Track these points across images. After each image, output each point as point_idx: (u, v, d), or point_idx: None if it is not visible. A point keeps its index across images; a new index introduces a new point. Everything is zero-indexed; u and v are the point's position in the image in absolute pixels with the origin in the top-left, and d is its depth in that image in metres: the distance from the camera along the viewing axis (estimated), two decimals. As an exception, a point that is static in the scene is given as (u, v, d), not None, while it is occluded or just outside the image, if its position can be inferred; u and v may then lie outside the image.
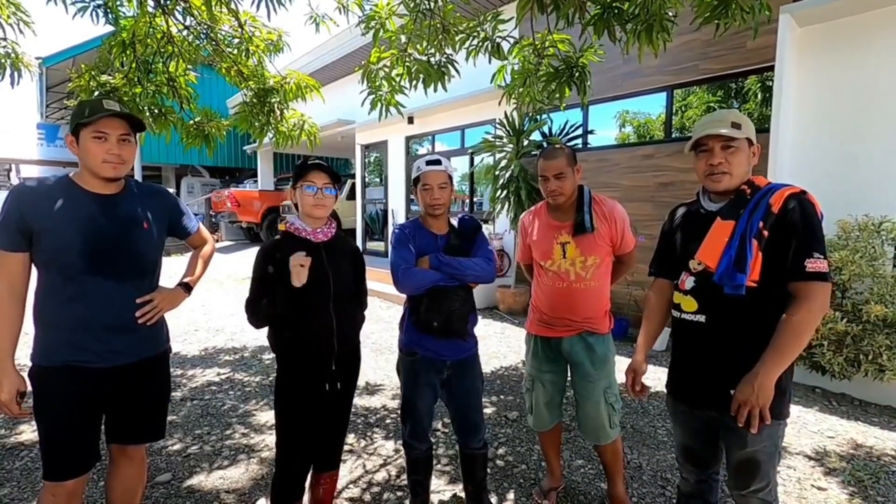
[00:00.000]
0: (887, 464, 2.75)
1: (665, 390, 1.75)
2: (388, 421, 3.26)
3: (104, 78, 3.66)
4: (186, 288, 1.90)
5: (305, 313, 1.84)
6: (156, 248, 1.79)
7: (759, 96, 4.92)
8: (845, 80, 4.14)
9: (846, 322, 3.39)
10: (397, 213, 9.81)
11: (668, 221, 1.77)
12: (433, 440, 2.88)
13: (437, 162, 2.03)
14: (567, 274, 2.10)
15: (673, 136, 5.53)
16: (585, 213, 2.06)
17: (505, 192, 6.33)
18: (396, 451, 2.85)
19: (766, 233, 1.40)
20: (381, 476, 2.61)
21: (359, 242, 11.09)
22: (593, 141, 6.36)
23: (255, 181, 15.39)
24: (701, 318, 1.52)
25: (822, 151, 4.19)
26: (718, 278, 1.45)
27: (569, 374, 2.25)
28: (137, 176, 15.49)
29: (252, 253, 11.61)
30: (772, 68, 4.33)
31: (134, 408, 1.76)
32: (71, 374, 1.61)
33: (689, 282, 1.56)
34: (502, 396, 3.70)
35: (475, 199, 8.68)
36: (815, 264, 1.34)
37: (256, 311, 1.84)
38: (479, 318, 2.34)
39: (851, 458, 2.81)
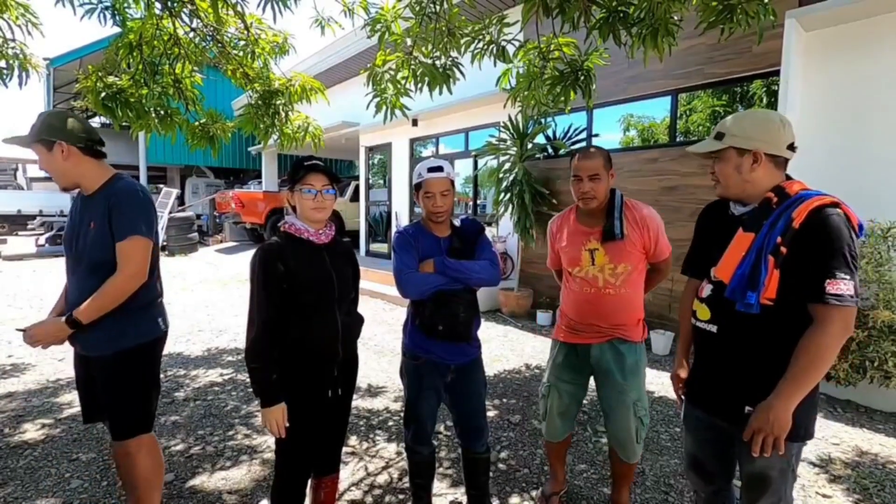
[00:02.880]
0: (892, 471, 2.73)
1: (667, 396, 1.74)
2: (390, 423, 3.26)
3: (111, 79, 3.69)
4: (71, 323, 1.73)
5: (311, 317, 1.79)
6: (101, 249, 1.77)
7: (765, 101, 4.91)
8: (851, 85, 4.12)
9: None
10: (401, 215, 9.82)
11: (700, 220, 1.71)
12: (435, 443, 2.88)
13: (439, 168, 1.99)
14: (595, 280, 2.02)
15: (677, 140, 5.52)
16: (615, 220, 1.97)
17: (508, 195, 6.33)
18: (398, 453, 2.85)
19: (783, 249, 1.31)
20: (382, 479, 2.60)
21: (362, 244, 11.12)
22: (597, 144, 6.35)
23: (260, 182, 15.45)
24: (713, 327, 1.49)
25: (828, 156, 4.17)
26: (730, 293, 1.39)
27: (591, 387, 2.17)
28: (142, 176, 15.58)
29: (256, 254, 11.61)
30: (777, 73, 4.31)
31: (102, 400, 1.88)
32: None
33: (706, 289, 1.53)
34: (505, 400, 3.69)
35: (479, 202, 8.68)
36: (836, 285, 1.23)
37: (259, 360, 1.72)
38: (483, 320, 2.32)
39: (856, 465, 2.79)
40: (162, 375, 4.03)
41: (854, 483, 2.60)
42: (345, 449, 2.73)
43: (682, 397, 1.74)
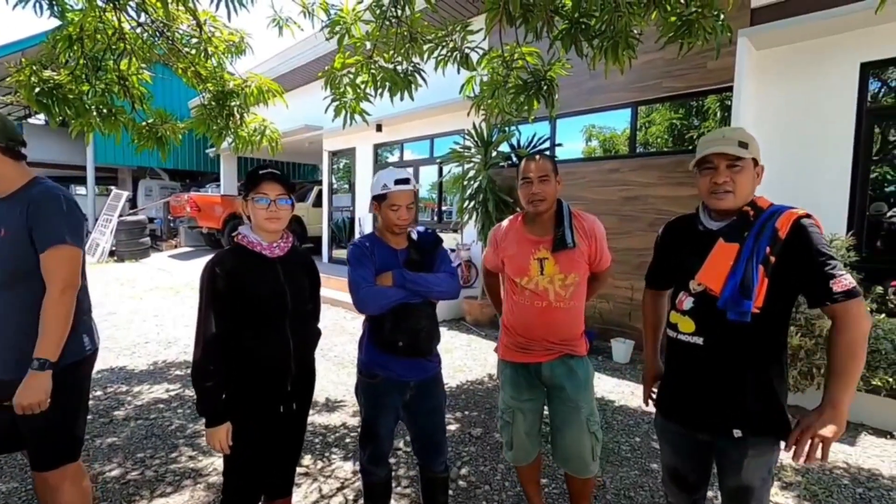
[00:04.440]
0: (839, 477, 2.82)
1: (628, 405, 1.73)
2: (347, 440, 3.13)
3: (47, 73, 3.43)
4: (42, 366, 1.58)
5: (261, 333, 1.73)
6: (14, 260, 1.63)
7: (719, 115, 5.08)
8: (799, 102, 4.32)
9: (800, 336, 3.49)
10: (364, 221, 9.66)
11: (664, 236, 1.72)
12: (393, 461, 2.78)
13: (406, 181, 1.94)
14: (546, 293, 1.96)
15: (637, 151, 5.64)
16: (566, 228, 1.95)
17: (472, 202, 6.31)
18: (355, 472, 2.72)
19: (773, 258, 1.37)
20: (337, 501, 2.48)
21: (324, 250, 10.87)
22: (560, 154, 6.43)
23: (218, 185, 14.92)
24: (698, 339, 1.48)
25: (778, 170, 4.33)
26: (723, 304, 1.40)
27: (544, 401, 2.12)
28: (90, 177, 14.74)
29: (212, 260, 11.16)
30: (731, 88, 4.47)
31: (23, 428, 1.68)
32: None
33: (687, 302, 1.52)
34: (466, 412, 3.62)
35: (444, 208, 8.64)
36: (842, 283, 1.30)
37: (206, 378, 1.63)
38: (444, 329, 2.25)
39: (806, 471, 2.87)
40: (101, 392, 3.79)
41: (804, 490, 2.67)
42: (298, 469, 2.59)
43: (651, 401, 1.76)
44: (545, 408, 2.14)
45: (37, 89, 3.35)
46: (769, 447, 1.44)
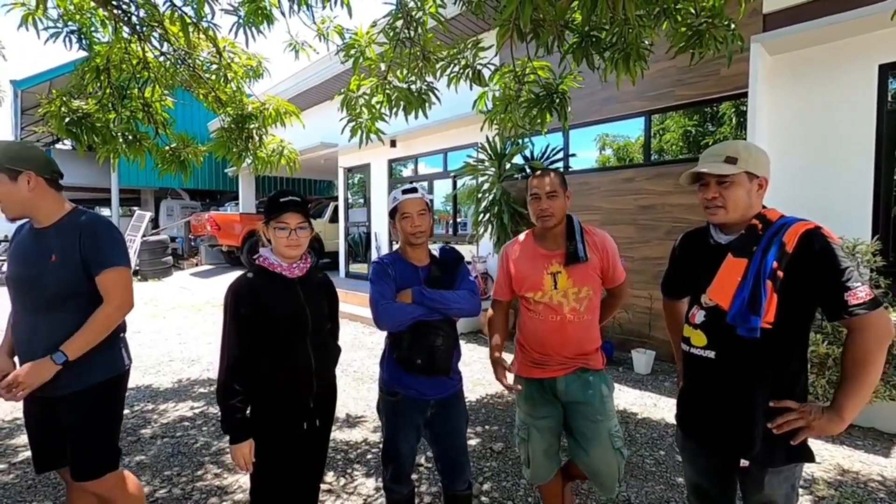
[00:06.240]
0: (874, 490, 2.73)
1: (651, 417, 1.71)
2: (368, 456, 3.14)
3: (76, 104, 3.58)
4: (59, 360, 1.68)
5: (283, 352, 1.78)
6: (65, 283, 1.73)
7: (734, 121, 5.04)
8: (816, 105, 4.26)
9: (827, 344, 3.41)
10: (380, 235, 9.75)
11: (677, 248, 1.74)
12: (415, 476, 2.78)
13: (414, 190, 1.98)
14: (560, 306, 1.97)
15: (652, 159, 5.62)
16: (578, 242, 1.96)
17: (487, 215, 6.33)
18: (377, 489, 2.73)
19: (780, 273, 1.35)
20: (361, 517, 2.49)
21: (341, 265, 10.98)
22: (574, 164, 6.43)
23: (237, 204, 15.21)
24: (710, 353, 1.48)
25: (795, 174, 4.28)
26: (731, 319, 1.40)
27: (562, 419, 2.10)
28: (114, 198, 15.19)
29: (231, 277, 11.33)
30: (745, 94, 4.44)
31: (68, 440, 1.78)
32: None
33: (699, 316, 1.52)
34: (487, 427, 3.60)
35: (458, 220, 8.68)
36: (856, 296, 1.28)
37: (230, 397, 1.70)
38: (463, 342, 2.25)
39: (839, 484, 2.78)
40: (128, 411, 3.86)
41: (838, 504, 2.59)
42: (321, 486, 2.61)
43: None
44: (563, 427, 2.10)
45: (66, 119, 3.50)
46: (791, 465, 1.42)
